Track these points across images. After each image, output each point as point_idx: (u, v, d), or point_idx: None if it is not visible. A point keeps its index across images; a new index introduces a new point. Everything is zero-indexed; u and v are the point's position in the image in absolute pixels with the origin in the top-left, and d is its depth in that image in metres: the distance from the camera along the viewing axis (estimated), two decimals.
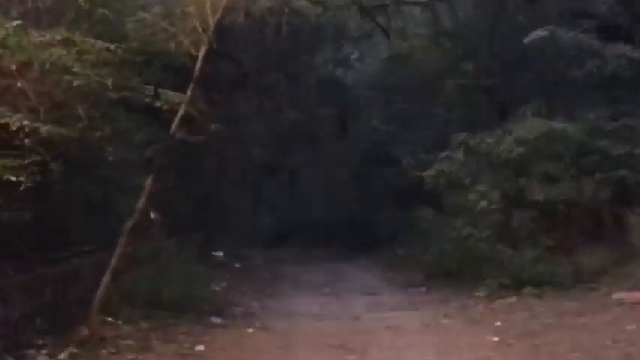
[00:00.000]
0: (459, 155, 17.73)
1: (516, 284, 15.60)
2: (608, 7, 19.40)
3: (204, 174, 23.48)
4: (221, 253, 22.75)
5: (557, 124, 16.77)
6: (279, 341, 12.14)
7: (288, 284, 20.61)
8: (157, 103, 12.45)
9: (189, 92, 12.27)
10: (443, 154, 18.13)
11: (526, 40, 17.87)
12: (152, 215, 16.85)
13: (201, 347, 11.47)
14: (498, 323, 12.86)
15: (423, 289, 17.95)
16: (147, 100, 12.70)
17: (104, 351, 10.77)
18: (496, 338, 11.56)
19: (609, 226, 16.17)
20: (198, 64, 12.32)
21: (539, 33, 17.61)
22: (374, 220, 26.11)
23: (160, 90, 12.74)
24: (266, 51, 23.20)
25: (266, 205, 33.32)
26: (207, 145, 20.31)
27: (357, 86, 30.48)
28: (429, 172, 17.86)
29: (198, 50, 12.36)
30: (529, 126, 16.96)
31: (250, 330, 12.99)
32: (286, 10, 19.55)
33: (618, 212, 16.10)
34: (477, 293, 15.90)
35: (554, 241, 16.10)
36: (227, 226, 27.19)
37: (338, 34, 28.11)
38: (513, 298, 15.07)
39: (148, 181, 12.11)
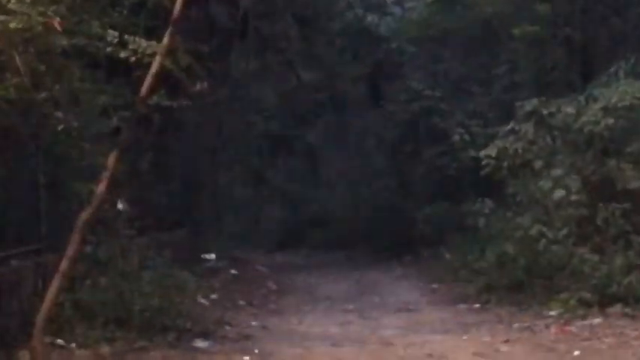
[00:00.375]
0: (529, 129, 17.22)
1: (602, 301, 15.14)
2: None
3: (191, 152, 23.09)
4: (212, 256, 22.45)
5: None
6: None
7: (298, 298, 20.32)
8: (122, 54, 12.02)
9: (165, 40, 11.85)
10: (506, 128, 17.59)
11: None
12: (119, 205, 16.69)
13: None
14: (577, 353, 12.45)
15: (477, 305, 17.56)
16: (109, 49, 12.23)
17: None
18: None
19: None
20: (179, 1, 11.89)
21: None
22: (413, 215, 25.59)
23: (127, 37, 12.24)
24: None
25: (274, 195, 32.86)
26: (195, 114, 19.90)
27: (395, 38, 29.77)
28: (488, 152, 17.34)
29: None
30: (622, 90, 16.39)
31: (246, 358, 12.69)
32: None
33: None
34: (548, 312, 15.49)
35: None
36: (221, 221, 26.80)
37: None
38: (598, 319, 14.60)
39: (111, 160, 11.72)
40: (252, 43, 23.58)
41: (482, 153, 17.47)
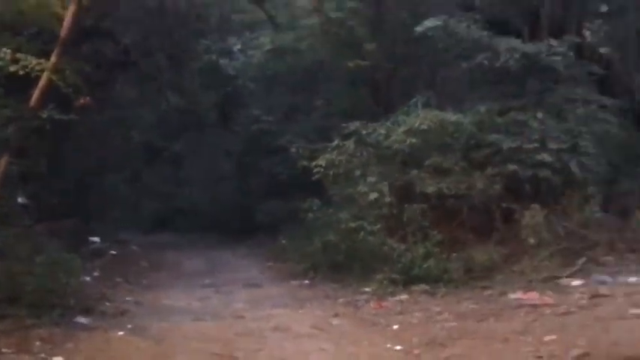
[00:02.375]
0: (350, 145, 15.43)
1: (407, 280, 13.38)
2: (497, 2, 17.69)
3: (82, 157, 20.95)
4: (97, 239, 19.98)
5: (450, 115, 14.75)
6: (152, 349, 9.54)
7: (166, 274, 18.03)
8: (12, 68, 9.47)
9: (53, 58, 9.37)
10: (333, 144, 15.75)
11: (418, 29, 15.87)
12: (19, 200, 14.56)
13: (59, 359, 8.77)
14: (396, 327, 10.58)
15: (306, 281, 15.58)
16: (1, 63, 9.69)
17: None
18: (399, 347, 9.32)
19: (500, 222, 14.14)
20: (66, 24, 9.42)
21: (432, 22, 15.65)
22: (255, 208, 23.56)
23: (19, 55, 9.71)
24: (150, 33, 20.55)
25: (148, 190, 31.07)
26: (86, 127, 18.01)
27: (240, 76, 27.94)
28: (319, 162, 15.44)
29: (65, 9, 9.49)
30: (420, 117, 14.80)
31: (121, 333, 10.24)
32: None
33: (509, 207, 14.07)
34: (365, 289, 13.61)
35: (444, 235, 13.98)
36: (106, 212, 24.76)
37: (223, 24, 25.98)
38: (405, 296, 12.83)
39: (2, 163, 9.28)
40: (133, 73, 21.63)
41: (314, 163, 15.52)
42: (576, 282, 12.43)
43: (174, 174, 31.18)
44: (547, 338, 8.81)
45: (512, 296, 11.85)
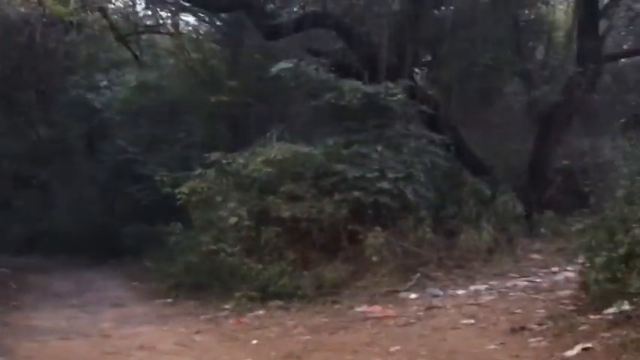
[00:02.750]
0: (212, 173, 14.92)
1: (263, 297, 13.02)
2: (340, 49, 17.85)
3: None
4: None
5: (302, 147, 14.57)
6: None
7: (35, 295, 16.55)
8: None
9: None
10: (195, 172, 15.16)
11: (273, 70, 15.66)
12: None
13: None
14: (255, 342, 10.11)
15: (170, 300, 14.78)
16: None
17: None
18: None
19: (346, 242, 14.02)
20: None
21: (285, 64, 15.53)
22: (121, 232, 22.32)
23: None
24: (20, 68, 19.22)
25: (18, 215, 29.10)
26: None
27: (107, 110, 26.52)
28: (183, 189, 14.82)
29: None
30: (275, 149, 14.52)
31: None
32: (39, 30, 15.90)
33: (354, 229, 13.99)
34: (225, 306, 13.07)
35: (297, 255, 13.74)
36: None
37: (90, 61, 24.79)
38: (262, 312, 12.42)
39: None
40: (3, 106, 20.19)
41: (177, 190, 14.86)
42: (413, 295, 12.49)
43: (43, 200, 29.21)
44: (392, 349, 8.65)
45: (358, 309, 11.72)
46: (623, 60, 23.80)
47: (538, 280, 12.82)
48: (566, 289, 11.27)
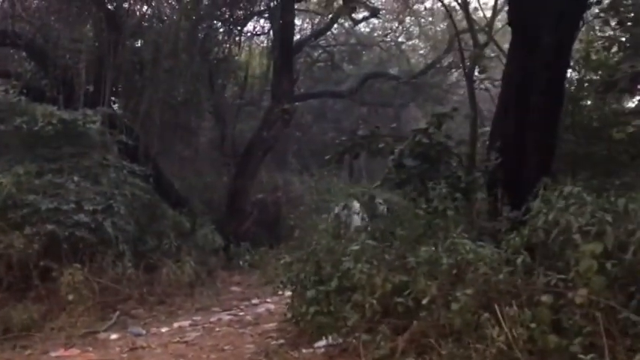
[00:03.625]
0: None
1: None
2: (31, 71, 16.73)
3: None
4: None
5: None
6: None
7: None
8: None
9: None
10: None
11: None
12: None
13: None
14: None
15: None
16: None
17: None
18: None
19: (38, 280, 13.02)
20: None
21: None
22: None
23: None
24: None
25: None
26: None
27: None
28: None
29: None
30: None
31: None
32: None
33: (47, 266, 13.07)
34: None
35: None
36: None
37: None
38: None
39: None
40: None
41: None
42: (114, 336, 11.94)
43: None
44: None
45: (53, 354, 10.87)
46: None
47: (241, 313, 13.17)
48: (271, 322, 11.78)
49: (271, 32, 21.95)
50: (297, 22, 22.10)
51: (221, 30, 21.12)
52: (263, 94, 20.16)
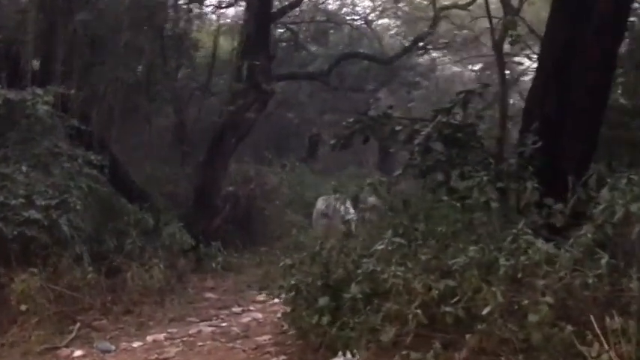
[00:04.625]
0: None
1: None
2: None
3: None
4: None
5: None
6: None
7: None
8: None
9: None
10: None
11: None
12: None
13: None
14: None
15: None
16: None
17: None
18: None
19: None
20: None
21: None
22: None
23: None
24: None
25: None
26: None
27: None
28: None
29: None
30: None
31: None
32: None
33: None
34: None
35: None
36: None
37: None
38: None
39: None
40: None
41: None
42: (78, 352, 10.34)
43: None
44: None
45: None
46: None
47: (224, 324, 11.62)
48: (263, 334, 10.42)
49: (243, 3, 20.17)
50: None
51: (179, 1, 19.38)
52: (234, 75, 18.41)
